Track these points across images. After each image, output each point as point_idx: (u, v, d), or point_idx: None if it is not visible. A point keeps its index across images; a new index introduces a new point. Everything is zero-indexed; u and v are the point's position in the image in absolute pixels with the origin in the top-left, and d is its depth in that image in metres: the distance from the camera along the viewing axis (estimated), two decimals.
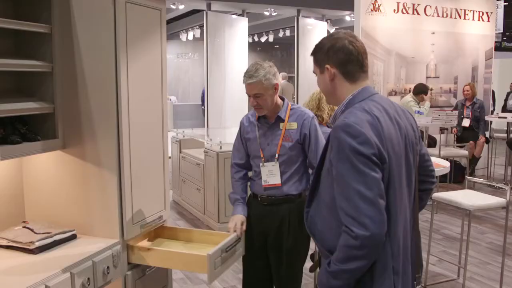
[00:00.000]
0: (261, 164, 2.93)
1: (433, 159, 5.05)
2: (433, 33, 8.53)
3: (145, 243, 2.89)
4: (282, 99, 2.97)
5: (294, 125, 2.91)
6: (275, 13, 11.64)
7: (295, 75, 10.70)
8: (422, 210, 2.13)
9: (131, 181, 2.69)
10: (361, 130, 1.70)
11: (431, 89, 8.06)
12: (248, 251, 3.00)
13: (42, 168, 2.80)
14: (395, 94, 8.27)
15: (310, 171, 3.01)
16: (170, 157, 6.99)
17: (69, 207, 2.75)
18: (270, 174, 2.91)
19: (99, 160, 2.65)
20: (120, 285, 2.70)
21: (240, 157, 3.11)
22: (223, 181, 5.69)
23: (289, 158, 2.91)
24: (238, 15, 11.13)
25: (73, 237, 2.67)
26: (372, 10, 7.79)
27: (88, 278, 2.41)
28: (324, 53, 1.89)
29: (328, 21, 12.57)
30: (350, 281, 1.77)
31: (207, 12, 9.97)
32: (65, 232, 2.63)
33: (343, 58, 1.86)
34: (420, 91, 7.69)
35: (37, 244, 2.49)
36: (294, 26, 10.99)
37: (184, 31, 14.91)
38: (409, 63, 8.38)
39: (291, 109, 2.95)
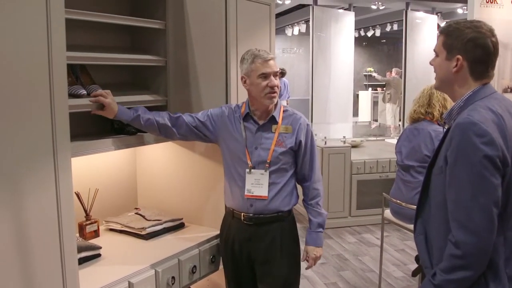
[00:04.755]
0: (247, 171, 2.45)
1: None
2: None
3: None
4: None
5: (290, 129, 2.47)
6: (383, 7, 11.32)
7: (403, 70, 10.36)
8: None
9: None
10: (486, 129, 1.60)
11: None
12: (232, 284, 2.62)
13: (154, 158, 2.93)
14: (511, 91, 7.78)
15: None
16: None
17: (178, 196, 2.87)
18: (257, 184, 2.44)
19: (207, 152, 2.73)
20: (223, 275, 2.77)
21: (179, 119, 2.50)
22: (327, 176, 5.65)
23: (281, 167, 2.46)
24: (345, 9, 10.97)
25: (181, 225, 2.78)
26: (487, 2, 7.37)
27: (194, 266, 2.50)
28: (462, 41, 1.74)
29: (439, 14, 12.04)
30: None
31: (313, 7, 9.89)
32: (174, 220, 2.74)
33: (479, 57, 1.74)
34: None
35: (148, 230, 2.61)
36: (402, 20, 10.64)
37: (289, 26, 14.92)
38: None
39: (284, 111, 2.51)
